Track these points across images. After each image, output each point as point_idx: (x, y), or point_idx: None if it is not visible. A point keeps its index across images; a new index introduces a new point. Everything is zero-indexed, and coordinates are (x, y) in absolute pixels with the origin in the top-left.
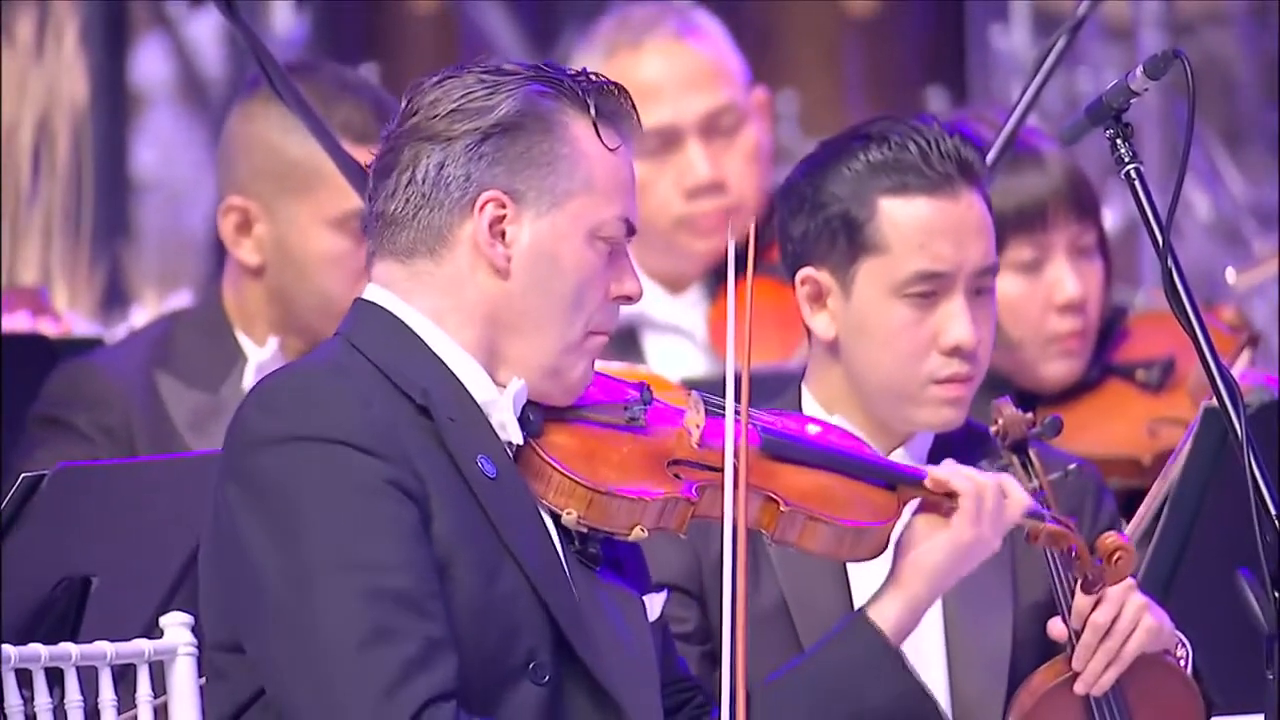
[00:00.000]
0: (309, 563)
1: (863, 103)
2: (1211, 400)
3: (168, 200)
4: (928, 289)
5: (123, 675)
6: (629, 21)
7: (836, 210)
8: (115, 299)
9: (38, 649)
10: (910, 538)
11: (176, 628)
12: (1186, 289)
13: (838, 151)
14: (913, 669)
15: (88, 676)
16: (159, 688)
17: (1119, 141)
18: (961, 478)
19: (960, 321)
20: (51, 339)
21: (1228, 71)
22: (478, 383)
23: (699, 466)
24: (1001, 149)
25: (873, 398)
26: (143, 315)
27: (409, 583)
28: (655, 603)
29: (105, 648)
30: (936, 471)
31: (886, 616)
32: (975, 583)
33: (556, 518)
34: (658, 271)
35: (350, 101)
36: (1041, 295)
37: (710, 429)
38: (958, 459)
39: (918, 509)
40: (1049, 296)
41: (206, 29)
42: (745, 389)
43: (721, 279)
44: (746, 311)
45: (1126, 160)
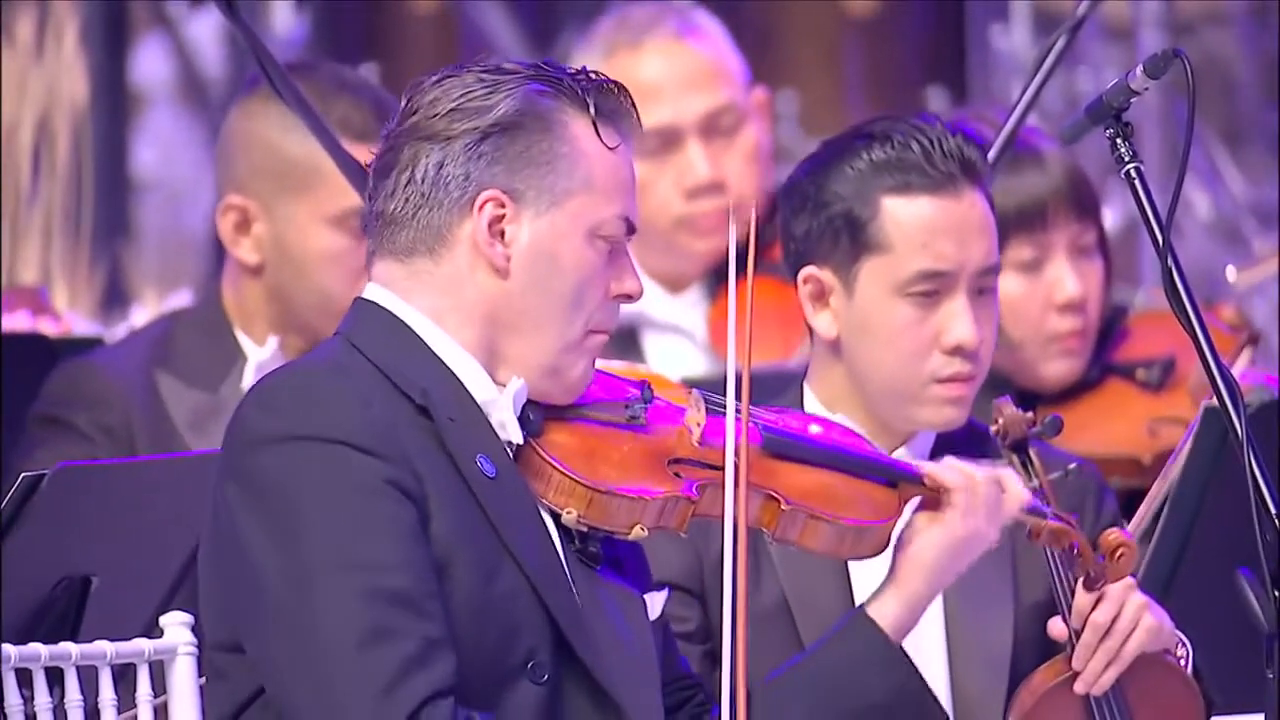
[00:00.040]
0: (308, 562)
1: (863, 103)
2: (1211, 400)
3: (168, 200)
4: (930, 288)
5: (123, 675)
6: (629, 21)
7: (839, 209)
8: (115, 299)
9: (38, 648)
10: (909, 535)
11: (176, 627)
12: (1186, 288)
13: (841, 150)
14: (914, 665)
15: (88, 676)
16: (159, 687)
17: (1119, 141)
18: (954, 472)
19: (963, 321)
20: (51, 339)
21: (1228, 71)
22: (477, 382)
23: (700, 465)
24: (1001, 149)
25: (875, 397)
26: (143, 315)
27: (407, 582)
28: (656, 601)
29: (105, 647)
30: (930, 467)
31: (886, 614)
32: (976, 581)
33: (556, 517)
34: (658, 271)
35: (348, 99)
36: (1042, 295)
37: (711, 427)
38: (959, 458)
39: (919, 506)
40: (1049, 296)
41: (206, 29)
42: (746, 387)
43: (721, 279)
44: (747, 309)
45: (1126, 159)
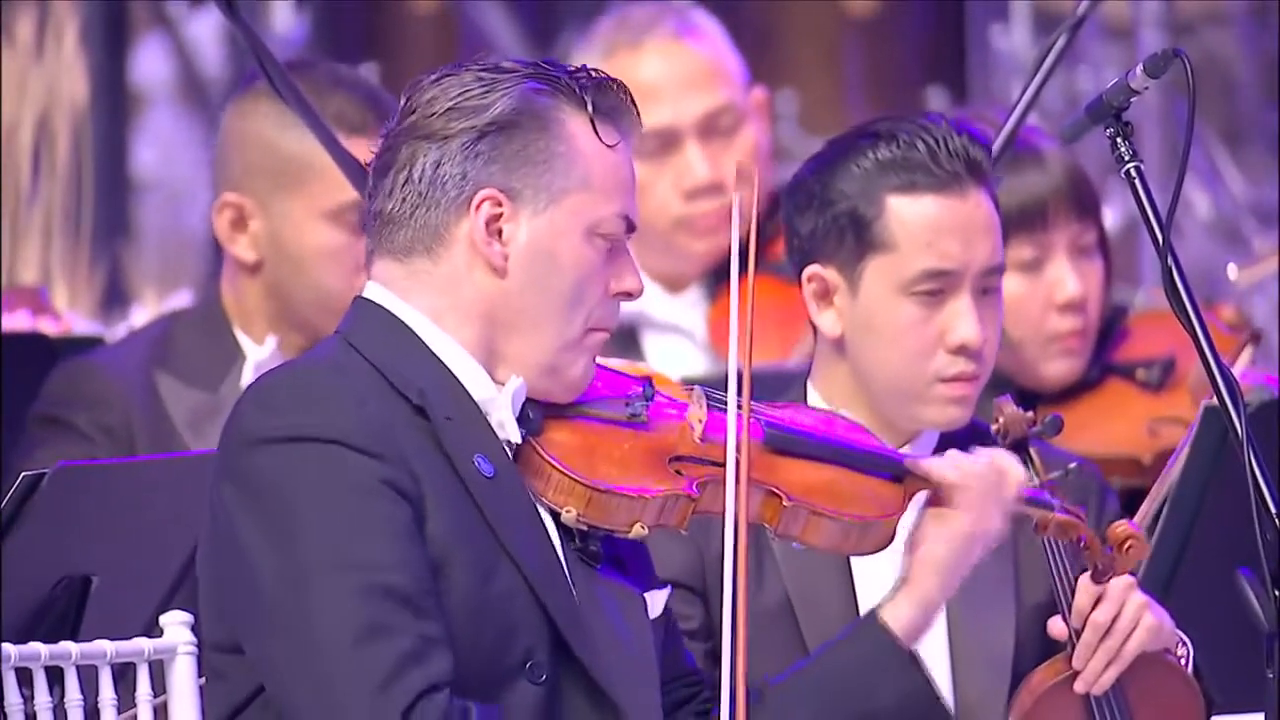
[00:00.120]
0: (304, 562)
1: (863, 103)
2: (1212, 399)
3: (168, 200)
4: (935, 287)
5: (122, 674)
6: (628, 21)
7: (844, 208)
8: (115, 298)
9: (38, 648)
10: (918, 537)
11: (176, 627)
12: (1186, 288)
13: (846, 149)
14: (925, 669)
15: (87, 675)
16: (159, 687)
17: (1119, 140)
18: (949, 467)
19: (967, 320)
20: (51, 338)
21: (1228, 71)
22: (476, 381)
23: (701, 462)
24: (1002, 148)
25: (879, 395)
26: (143, 315)
27: (403, 581)
28: (658, 599)
29: (105, 646)
30: (928, 464)
31: (898, 616)
32: (978, 583)
33: (556, 516)
34: (657, 271)
35: (343, 94)
36: (1042, 294)
37: (713, 423)
38: None
39: (925, 502)
40: (1049, 295)
41: (206, 29)
42: (747, 382)
43: (721, 279)
44: (748, 305)
45: (1127, 159)
